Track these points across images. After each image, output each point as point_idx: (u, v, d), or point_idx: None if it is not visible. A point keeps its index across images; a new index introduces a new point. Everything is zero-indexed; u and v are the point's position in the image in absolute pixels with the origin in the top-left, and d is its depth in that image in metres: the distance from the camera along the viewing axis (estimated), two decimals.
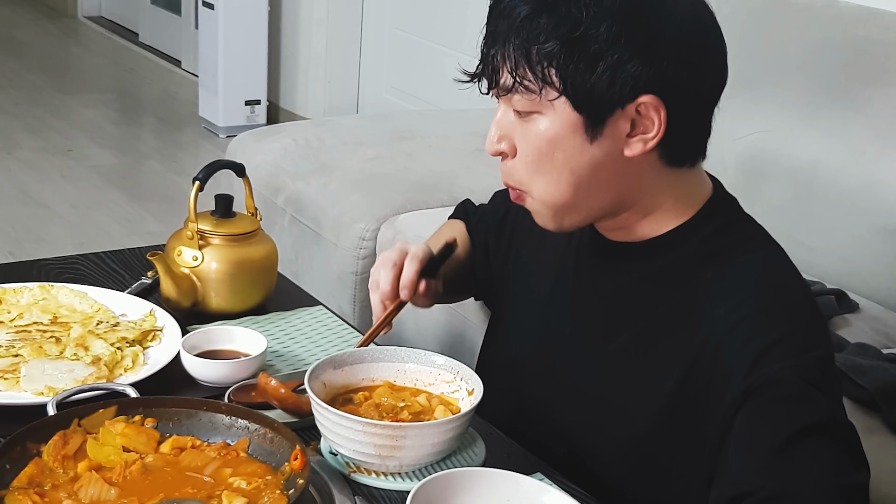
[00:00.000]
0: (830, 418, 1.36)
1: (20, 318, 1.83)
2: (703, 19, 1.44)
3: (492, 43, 1.43)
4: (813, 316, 1.46)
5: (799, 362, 1.37)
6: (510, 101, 1.44)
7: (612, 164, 1.44)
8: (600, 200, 1.48)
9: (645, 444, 1.49)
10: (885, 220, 2.60)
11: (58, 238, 4.54)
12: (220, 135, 5.90)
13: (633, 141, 1.42)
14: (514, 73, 1.40)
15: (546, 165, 1.44)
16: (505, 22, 1.41)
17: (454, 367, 1.58)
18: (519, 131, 1.45)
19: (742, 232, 1.51)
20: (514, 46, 1.39)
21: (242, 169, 1.98)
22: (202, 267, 1.88)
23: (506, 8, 1.41)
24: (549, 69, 1.38)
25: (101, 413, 1.46)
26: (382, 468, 1.48)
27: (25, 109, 6.22)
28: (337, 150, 3.47)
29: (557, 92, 1.39)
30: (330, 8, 5.66)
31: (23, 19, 8.46)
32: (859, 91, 2.75)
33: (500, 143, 1.48)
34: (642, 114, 1.40)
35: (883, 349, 2.35)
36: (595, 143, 1.42)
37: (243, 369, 1.68)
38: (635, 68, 1.37)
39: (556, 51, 1.37)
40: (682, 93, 1.42)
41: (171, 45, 7.40)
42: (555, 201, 1.47)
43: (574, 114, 1.40)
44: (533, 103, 1.41)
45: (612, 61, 1.37)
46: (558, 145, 1.42)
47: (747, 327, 1.40)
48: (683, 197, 1.50)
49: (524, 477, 1.39)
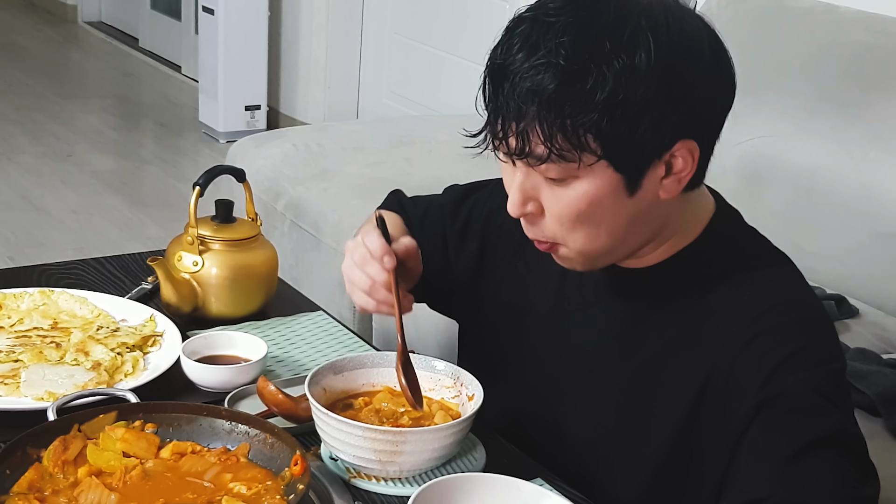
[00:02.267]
0: (842, 431, 1.36)
1: (20, 324, 1.83)
2: (718, 53, 1.41)
3: (516, 115, 1.34)
4: (826, 328, 1.46)
5: (813, 375, 1.38)
6: (540, 168, 1.37)
7: (649, 208, 1.41)
8: (635, 242, 1.46)
9: (658, 466, 1.49)
10: (885, 225, 2.61)
11: (58, 243, 4.55)
12: (220, 140, 5.90)
13: (667, 182, 1.40)
14: (549, 145, 1.33)
15: (585, 223, 1.40)
16: (529, 95, 1.32)
17: (454, 373, 1.58)
18: (549, 193, 1.40)
19: (749, 248, 1.51)
20: (547, 121, 1.32)
21: (242, 174, 1.98)
22: (202, 272, 1.88)
23: (524, 78, 1.33)
24: (586, 136, 1.32)
25: (101, 418, 1.46)
26: (383, 473, 1.48)
27: (26, 115, 6.22)
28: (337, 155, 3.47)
29: (596, 157, 1.34)
30: (330, 13, 5.66)
31: (23, 25, 8.46)
32: (859, 96, 2.76)
33: (526, 206, 1.42)
34: (676, 156, 1.38)
35: (883, 354, 2.35)
36: (634, 196, 1.39)
37: (243, 374, 1.68)
38: (673, 120, 1.35)
39: (595, 118, 1.31)
40: (710, 128, 1.42)
41: (172, 51, 7.40)
42: (593, 252, 1.44)
43: (614, 174, 1.36)
44: (569, 169, 1.36)
45: (652, 119, 1.33)
46: (598, 205, 1.38)
47: (762, 343, 1.40)
48: (691, 218, 1.49)
49: (524, 482, 1.39)
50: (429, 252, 1.75)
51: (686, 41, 1.35)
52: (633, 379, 1.51)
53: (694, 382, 1.44)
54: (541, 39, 1.32)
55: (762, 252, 1.51)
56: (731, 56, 1.43)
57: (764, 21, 3.08)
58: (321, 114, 5.79)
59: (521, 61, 1.33)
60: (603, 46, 1.31)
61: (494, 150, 1.41)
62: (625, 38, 1.31)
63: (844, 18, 2.93)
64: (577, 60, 1.30)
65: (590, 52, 1.31)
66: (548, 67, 1.31)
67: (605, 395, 1.54)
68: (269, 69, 5.92)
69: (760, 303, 1.43)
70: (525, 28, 1.35)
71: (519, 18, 1.37)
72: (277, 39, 5.99)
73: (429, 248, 1.75)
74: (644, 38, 1.31)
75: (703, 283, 1.47)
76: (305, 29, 5.81)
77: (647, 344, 1.50)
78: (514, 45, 1.35)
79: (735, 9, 3.13)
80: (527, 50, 1.33)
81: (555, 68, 1.31)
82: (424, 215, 1.81)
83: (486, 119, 1.39)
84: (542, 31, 1.33)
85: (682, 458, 1.47)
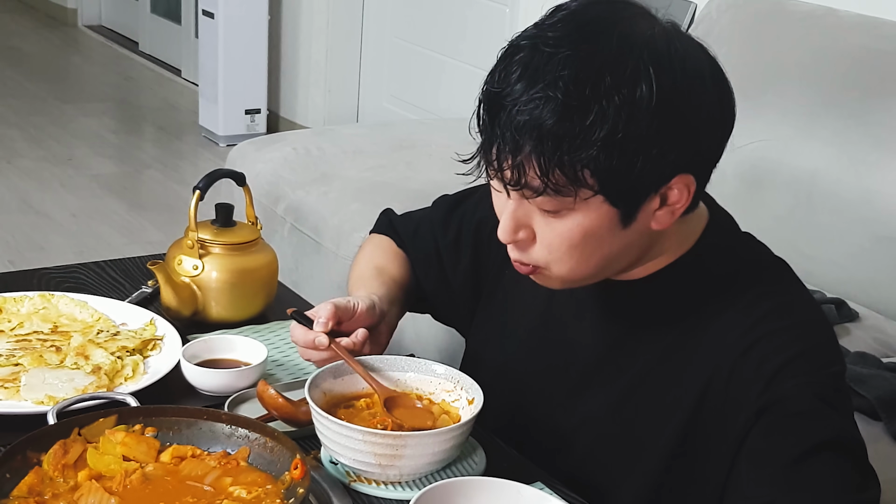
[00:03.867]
0: (842, 435, 1.36)
1: (20, 328, 1.83)
2: (720, 88, 1.38)
3: (513, 148, 1.31)
4: (825, 332, 1.45)
5: (812, 379, 1.37)
6: (535, 200, 1.35)
7: (640, 238, 1.41)
8: (620, 266, 1.45)
9: (659, 474, 1.48)
10: (885, 229, 2.61)
11: (58, 247, 4.55)
12: (220, 144, 5.90)
13: (661, 214, 1.38)
14: (545, 180, 1.31)
15: (575, 253, 1.39)
16: (527, 128, 1.29)
17: (454, 377, 1.58)
18: (542, 222, 1.38)
19: (744, 253, 1.50)
20: (544, 156, 1.30)
21: (243, 178, 1.98)
22: (202, 276, 1.88)
23: (522, 111, 1.30)
24: (583, 172, 1.30)
25: (101, 422, 1.46)
26: (383, 477, 1.48)
27: (25, 118, 6.23)
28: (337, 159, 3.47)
29: (593, 192, 1.32)
30: (330, 17, 5.67)
31: (23, 28, 8.46)
32: (859, 100, 2.76)
33: (517, 234, 1.40)
34: (672, 188, 1.37)
35: (883, 358, 2.35)
36: (628, 228, 1.38)
37: (243, 378, 1.68)
38: (672, 156, 1.33)
39: (593, 155, 1.29)
40: (708, 161, 1.40)
41: (172, 54, 7.40)
42: (576, 278, 1.43)
43: (610, 208, 1.35)
44: (565, 203, 1.34)
45: (651, 155, 1.31)
46: (591, 237, 1.37)
47: (761, 349, 1.39)
48: (684, 233, 1.47)
49: (525, 486, 1.39)
50: (424, 271, 1.77)
51: (688, 78, 1.32)
52: (631, 387, 1.51)
53: (693, 389, 1.44)
54: (540, 71, 1.29)
55: (758, 258, 1.50)
56: (731, 89, 1.40)
57: (764, 25, 3.08)
58: (321, 117, 5.80)
59: (519, 92, 1.30)
60: (603, 81, 1.28)
61: (488, 178, 1.39)
62: (626, 73, 1.28)
63: (844, 22, 2.93)
64: (577, 96, 1.28)
65: (590, 87, 1.28)
66: (547, 101, 1.28)
67: (604, 404, 1.53)
68: (270, 73, 5.92)
69: (758, 308, 1.42)
70: (524, 56, 1.32)
71: (517, 45, 1.34)
72: (277, 43, 6.00)
73: (424, 268, 1.77)
74: (646, 73, 1.29)
75: (698, 291, 1.47)
76: (305, 32, 5.81)
77: (643, 353, 1.50)
78: (511, 73, 1.32)
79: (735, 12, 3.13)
80: (525, 80, 1.30)
81: (554, 102, 1.28)
82: (416, 232, 1.81)
83: (479, 145, 1.37)
84: (541, 61, 1.30)
85: (683, 465, 1.46)
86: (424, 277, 1.77)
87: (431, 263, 1.77)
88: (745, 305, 1.43)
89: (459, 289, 1.76)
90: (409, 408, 1.55)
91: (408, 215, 1.86)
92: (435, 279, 1.77)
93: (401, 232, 1.83)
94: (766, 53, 3.00)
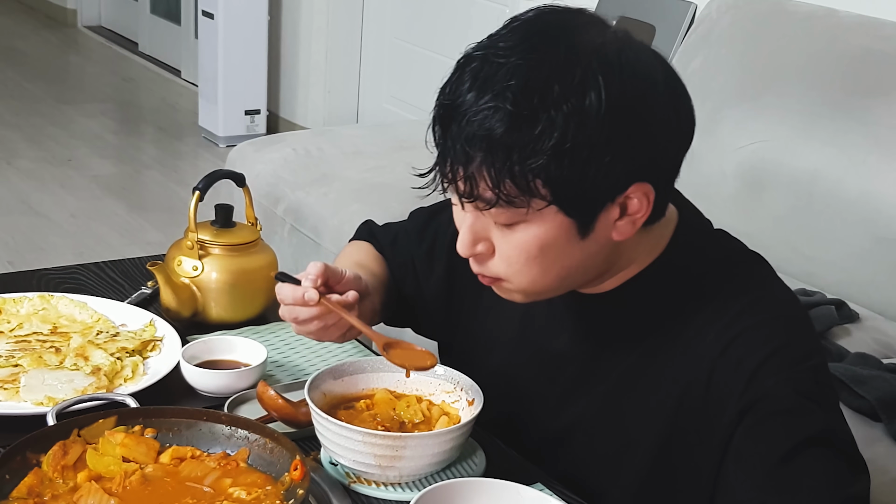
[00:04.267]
0: (827, 429, 1.36)
1: (20, 328, 1.83)
2: (674, 94, 1.37)
3: (463, 159, 1.31)
4: (802, 323, 1.44)
5: (792, 374, 1.37)
6: (489, 212, 1.34)
7: (601, 249, 1.39)
8: (582, 279, 1.44)
9: (647, 477, 1.48)
10: (885, 229, 2.61)
11: (58, 248, 4.55)
12: (219, 144, 5.90)
13: (621, 224, 1.37)
14: (497, 191, 1.30)
15: (534, 265, 1.37)
16: (476, 139, 1.29)
17: (454, 378, 1.58)
18: (499, 235, 1.38)
19: (715, 252, 1.49)
20: (495, 167, 1.29)
21: (242, 179, 1.98)
22: (202, 277, 1.88)
23: (472, 121, 1.29)
24: (535, 182, 1.29)
25: (100, 423, 1.46)
26: (382, 478, 1.47)
27: (25, 119, 6.23)
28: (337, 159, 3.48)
29: (546, 202, 1.31)
30: (330, 18, 5.67)
31: (23, 29, 8.46)
32: (859, 101, 2.76)
33: (476, 247, 1.40)
34: (631, 197, 1.35)
35: (883, 359, 2.35)
36: (586, 238, 1.36)
37: (243, 379, 1.67)
38: (625, 164, 1.31)
39: (543, 164, 1.28)
40: (666, 170, 1.39)
41: (171, 55, 7.40)
42: (537, 290, 1.42)
43: (565, 219, 1.33)
44: (518, 214, 1.33)
45: (602, 163, 1.29)
46: (549, 249, 1.36)
47: (739, 347, 1.39)
48: (652, 241, 1.46)
49: (524, 487, 1.39)
50: (402, 278, 1.76)
51: (639, 83, 1.31)
52: (614, 395, 1.50)
53: (674, 393, 1.43)
54: (489, 81, 1.29)
55: (730, 255, 1.49)
56: (688, 94, 1.39)
57: (764, 25, 3.08)
58: (321, 118, 5.80)
59: (469, 103, 1.30)
60: (552, 90, 1.27)
61: (443, 192, 1.39)
62: (575, 81, 1.27)
63: (844, 23, 2.93)
64: (525, 105, 1.27)
65: (539, 96, 1.27)
66: (496, 111, 1.28)
67: (587, 412, 1.53)
68: (269, 73, 5.92)
69: (732, 307, 1.41)
70: (475, 67, 1.32)
71: (469, 56, 1.34)
72: (277, 44, 6.00)
73: (401, 275, 1.76)
74: (595, 81, 1.28)
75: (671, 296, 1.46)
76: (305, 33, 5.81)
77: (621, 361, 1.49)
78: (463, 83, 1.32)
79: (735, 13, 3.13)
80: (475, 91, 1.30)
81: (502, 113, 1.27)
82: (394, 242, 1.80)
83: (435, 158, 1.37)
84: (491, 72, 1.30)
85: (671, 468, 1.46)
86: (403, 284, 1.76)
87: (408, 273, 1.77)
88: (719, 305, 1.42)
89: (432, 299, 1.75)
90: (408, 349, 1.53)
91: (387, 225, 1.85)
92: (411, 287, 1.77)
93: (381, 240, 1.82)
94: (766, 54, 3.00)
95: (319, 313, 1.54)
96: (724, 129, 2.89)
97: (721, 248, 1.50)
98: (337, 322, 1.55)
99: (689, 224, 1.49)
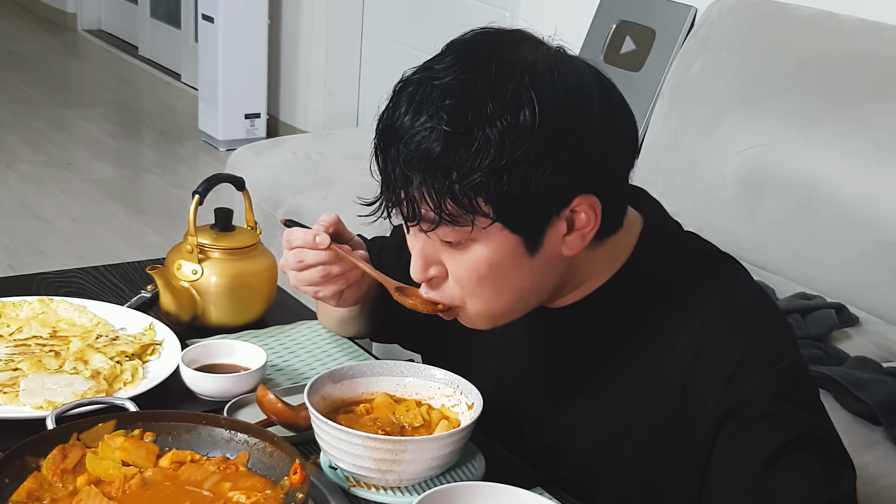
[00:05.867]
0: (807, 431, 1.34)
1: (19, 332, 1.82)
2: (611, 98, 1.37)
3: (403, 182, 1.33)
4: (774, 322, 1.43)
5: (767, 378, 1.36)
6: (436, 232, 1.35)
7: (552, 266, 1.40)
8: (539, 298, 1.44)
9: (626, 489, 1.48)
10: (885, 233, 2.61)
11: (57, 251, 4.55)
12: (219, 148, 5.90)
13: (570, 239, 1.37)
14: (439, 211, 1.31)
15: (486, 286, 1.38)
16: (414, 160, 1.30)
17: (454, 381, 1.58)
18: (448, 256, 1.39)
19: (682, 257, 1.48)
20: (434, 187, 1.30)
21: (242, 182, 1.98)
22: (202, 281, 1.88)
23: (409, 143, 1.31)
24: (476, 200, 1.30)
25: (100, 427, 1.46)
26: (382, 482, 1.47)
27: (25, 123, 6.23)
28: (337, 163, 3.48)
29: (490, 219, 1.32)
30: (330, 21, 5.67)
31: (23, 33, 8.47)
32: (859, 104, 2.76)
33: (429, 271, 1.41)
34: (577, 211, 1.35)
35: (883, 363, 2.35)
36: (536, 255, 1.37)
37: (243, 383, 1.67)
38: (566, 177, 1.32)
39: (482, 181, 1.29)
40: (610, 180, 1.38)
41: (171, 59, 7.41)
42: (495, 312, 1.43)
43: (511, 236, 1.34)
44: (463, 233, 1.34)
45: (542, 177, 1.30)
46: (498, 267, 1.36)
47: (711, 352, 1.38)
48: (612, 253, 1.45)
49: (524, 491, 1.39)
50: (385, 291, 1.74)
51: (573, 95, 1.32)
52: (590, 406, 1.50)
53: (650, 401, 1.43)
54: (424, 102, 1.31)
55: (697, 259, 1.48)
56: (627, 105, 1.39)
57: (764, 29, 3.08)
58: (321, 122, 5.80)
59: (406, 126, 1.32)
60: (485, 107, 1.28)
61: (388, 217, 1.40)
62: (507, 98, 1.28)
63: (845, 26, 2.93)
64: (460, 123, 1.28)
65: (473, 114, 1.28)
66: (432, 132, 1.29)
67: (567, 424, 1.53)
68: (269, 77, 5.93)
69: (701, 310, 1.41)
70: (412, 90, 1.34)
71: (407, 80, 1.36)
72: (277, 47, 6.00)
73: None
74: (527, 96, 1.29)
75: (639, 303, 1.45)
76: (305, 37, 5.81)
77: (594, 372, 1.49)
78: (400, 107, 1.33)
79: (735, 17, 3.13)
80: (412, 113, 1.31)
81: (437, 133, 1.29)
82: (379, 254, 1.80)
83: (379, 185, 1.38)
84: (426, 93, 1.31)
85: (652, 477, 1.45)
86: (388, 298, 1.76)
87: None
88: (689, 309, 1.42)
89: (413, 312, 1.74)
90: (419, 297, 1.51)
91: (374, 239, 1.85)
92: None
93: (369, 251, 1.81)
94: (766, 58, 3.00)
95: (327, 259, 1.57)
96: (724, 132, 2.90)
97: (687, 253, 1.49)
98: (341, 273, 1.58)
99: (655, 229, 1.49)
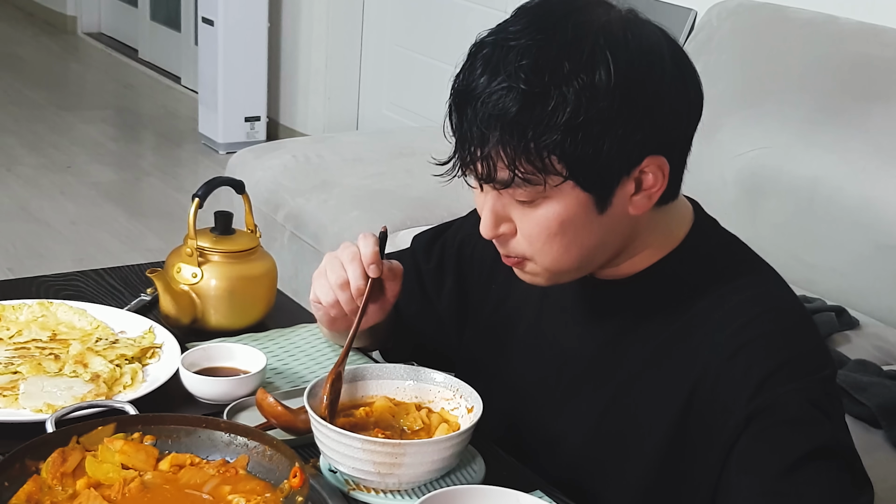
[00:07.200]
0: (834, 442, 1.36)
1: (19, 335, 1.82)
2: (681, 65, 1.41)
3: (479, 141, 1.35)
4: (813, 336, 1.45)
5: (803, 385, 1.37)
6: (508, 191, 1.38)
7: (618, 225, 1.42)
8: (602, 257, 1.46)
9: (649, 477, 1.48)
10: (885, 236, 2.61)
11: (57, 254, 4.55)
12: (219, 151, 5.90)
13: (637, 199, 1.40)
14: (513, 169, 1.34)
15: (556, 242, 1.40)
16: (492, 120, 1.33)
17: (453, 385, 1.58)
18: (519, 214, 1.41)
19: (730, 255, 1.51)
20: (511, 145, 1.33)
21: (242, 186, 1.98)
22: (201, 284, 1.88)
23: (486, 103, 1.34)
24: (551, 158, 1.33)
25: (99, 430, 1.46)
26: (382, 486, 1.47)
27: (25, 126, 6.23)
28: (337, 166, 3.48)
29: (563, 178, 1.35)
30: (330, 24, 5.67)
31: (22, 36, 8.47)
32: (859, 107, 2.76)
33: (499, 228, 1.43)
34: (646, 171, 1.38)
35: (883, 366, 2.35)
36: (604, 213, 1.39)
37: (242, 386, 1.67)
38: (638, 137, 1.35)
39: (557, 140, 1.32)
40: (679, 142, 1.42)
41: (171, 62, 7.41)
42: (561, 268, 1.45)
43: (582, 194, 1.37)
44: (536, 192, 1.37)
45: (616, 137, 1.33)
46: (569, 225, 1.39)
47: (748, 354, 1.39)
48: (668, 230, 1.49)
49: (524, 494, 1.39)
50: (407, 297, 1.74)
51: (646, 56, 1.35)
52: (619, 392, 1.51)
53: (679, 394, 1.44)
54: (501, 63, 1.34)
55: (742, 261, 1.51)
56: (695, 68, 1.43)
57: (764, 32, 3.08)
58: (321, 125, 5.80)
59: (482, 86, 1.34)
60: (562, 67, 1.31)
61: (464, 176, 1.42)
62: (584, 58, 1.32)
63: (844, 29, 2.93)
64: (537, 83, 1.31)
65: (549, 73, 1.31)
66: (509, 91, 1.32)
67: (593, 408, 1.53)
68: (269, 80, 5.93)
69: (743, 313, 1.42)
70: (487, 52, 1.37)
71: (481, 43, 1.39)
72: (277, 50, 6.00)
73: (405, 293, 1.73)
74: (603, 56, 1.32)
75: (683, 294, 1.47)
76: (305, 40, 5.81)
77: (630, 357, 1.50)
78: (476, 69, 1.36)
79: (735, 20, 3.13)
80: (488, 74, 1.34)
81: (515, 92, 1.32)
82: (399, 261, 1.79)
83: (454, 145, 1.40)
84: (502, 54, 1.34)
85: (672, 467, 1.46)
86: (406, 305, 1.77)
87: (413, 291, 1.78)
88: (729, 309, 1.43)
89: (446, 311, 1.78)
90: None
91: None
92: (418, 304, 1.79)
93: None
94: (766, 61, 3.00)
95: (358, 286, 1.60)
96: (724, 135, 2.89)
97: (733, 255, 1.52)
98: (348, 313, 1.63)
99: (703, 226, 1.52)
